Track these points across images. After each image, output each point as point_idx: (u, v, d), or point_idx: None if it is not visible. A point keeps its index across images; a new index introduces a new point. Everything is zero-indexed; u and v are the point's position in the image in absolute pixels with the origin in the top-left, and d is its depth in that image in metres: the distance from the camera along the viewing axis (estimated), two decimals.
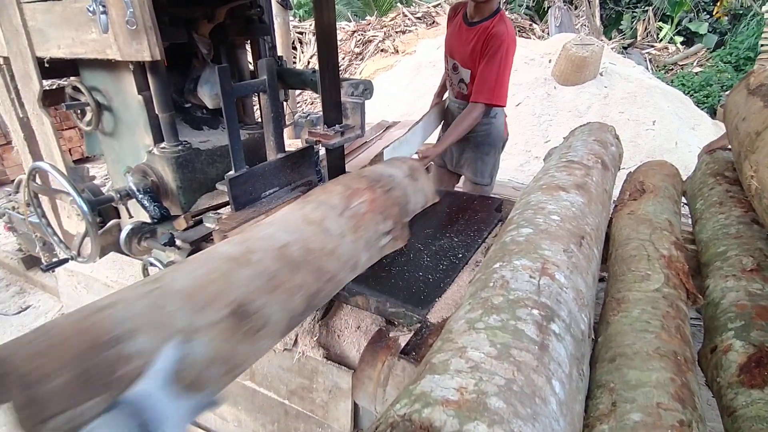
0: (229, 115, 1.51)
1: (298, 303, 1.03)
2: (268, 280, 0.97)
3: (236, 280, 0.93)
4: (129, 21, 1.42)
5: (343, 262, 1.18)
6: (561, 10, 8.72)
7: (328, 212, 1.23)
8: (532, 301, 0.86)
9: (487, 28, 2.14)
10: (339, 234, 1.19)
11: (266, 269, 0.99)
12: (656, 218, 1.44)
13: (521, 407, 0.63)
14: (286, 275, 1.01)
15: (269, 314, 0.94)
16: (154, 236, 1.72)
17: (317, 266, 1.09)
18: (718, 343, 1.08)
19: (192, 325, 0.82)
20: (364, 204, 1.32)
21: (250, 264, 0.98)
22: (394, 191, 1.45)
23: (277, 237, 1.09)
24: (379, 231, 1.34)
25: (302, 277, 1.05)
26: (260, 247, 1.04)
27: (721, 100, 7.25)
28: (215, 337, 0.84)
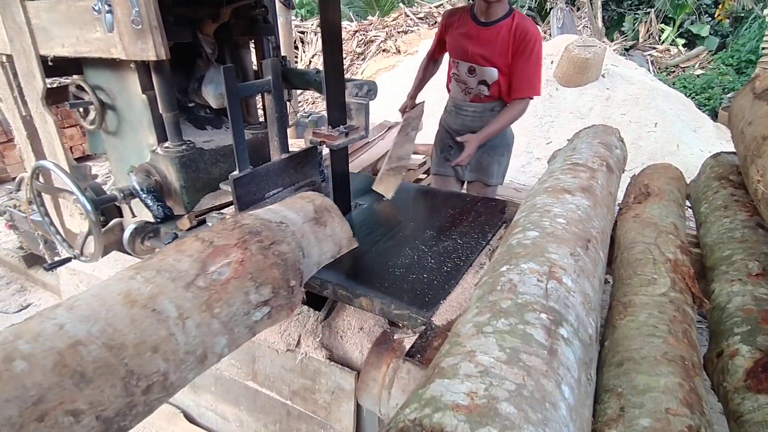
0: (234, 115, 1.51)
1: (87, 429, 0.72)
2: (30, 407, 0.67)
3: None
4: (134, 20, 1.42)
5: (180, 357, 0.86)
6: (563, 12, 8.72)
7: (167, 285, 0.91)
8: (540, 305, 0.85)
9: (511, 25, 2.19)
10: (177, 316, 0.88)
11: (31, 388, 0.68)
12: (661, 222, 1.43)
13: (532, 412, 0.62)
14: (66, 393, 0.71)
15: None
16: (157, 236, 1.71)
17: (128, 371, 0.78)
18: (725, 348, 1.08)
19: None
20: (229, 267, 0.99)
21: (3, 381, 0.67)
22: (278, 246, 1.11)
23: (67, 331, 0.76)
24: (251, 302, 1.01)
25: (96, 392, 0.74)
26: (31, 351, 0.72)
27: (722, 103, 7.25)
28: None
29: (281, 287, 1.07)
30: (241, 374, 1.83)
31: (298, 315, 1.65)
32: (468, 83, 2.44)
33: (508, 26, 2.19)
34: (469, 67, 2.37)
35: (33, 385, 0.68)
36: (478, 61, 2.32)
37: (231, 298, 0.96)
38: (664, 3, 9.78)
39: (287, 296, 1.09)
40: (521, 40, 2.17)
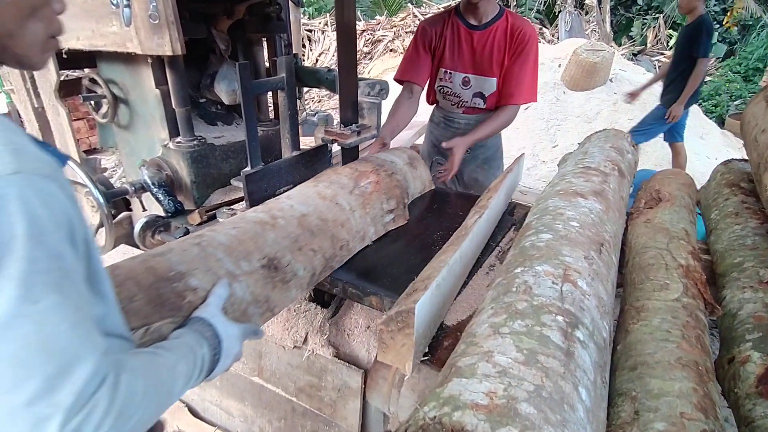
0: (247, 111, 1.52)
1: (317, 263, 1.25)
2: (293, 242, 1.20)
3: (266, 240, 1.14)
4: (152, 15, 1.43)
5: (353, 233, 1.41)
6: (571, 15, 8.71)
7: (339, 190, 1.44)
8: (555, 307, 0.86)
9: (506, 25, 2.01)
10: (349, 209, 1.42)
11: (290, 233, 1.21)
12: (673, 227, 1.43)
13: (551, 414, 0.63)
14: (307, 239, 1.24)
15: (295, 269, 1.17)
16: (167, 230, 1.72)
17: (332, 234, 1.32)
18: (736, 354, 1.08)
19: (234, 272, 1.03)
20: (371, 184, 1.55)
21: (277, 228, 1.20)
22: (396, 175, 1.66)
23: (296, 208, 1.30)
24: (384, 209, 1.58)
25: (320, 242, 1.27)
26: (283, 215, 1.26)
27: (729, 110, 7.24)
28: (252, 283, 1.06)
29: (400, 202, 1.66)
30: (246, 370, 1.84)
31: (306, 312, 1.66)
32: (461, 96, 2.17)
33: (503, 28, 2.00)
34: (463, 78, 2.12)
35: (290, 232, 1.21)
36: (474, 71, 2.10)
37: (374, 203, 1.53)
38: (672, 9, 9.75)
39: (402, 209, 1.68)
40: (518, 41, 1.98)
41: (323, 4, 10.28)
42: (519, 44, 1.99)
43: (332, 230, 1.32)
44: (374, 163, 1.64)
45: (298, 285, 1.19)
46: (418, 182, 1.85)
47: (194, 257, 0.99)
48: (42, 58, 0.67)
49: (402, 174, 1.71)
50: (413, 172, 1.83)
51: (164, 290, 0.89)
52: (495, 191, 1.67)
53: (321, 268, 1.27)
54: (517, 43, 1.99)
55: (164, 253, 0.98)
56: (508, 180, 1.79)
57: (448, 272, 1.19)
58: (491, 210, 1.59)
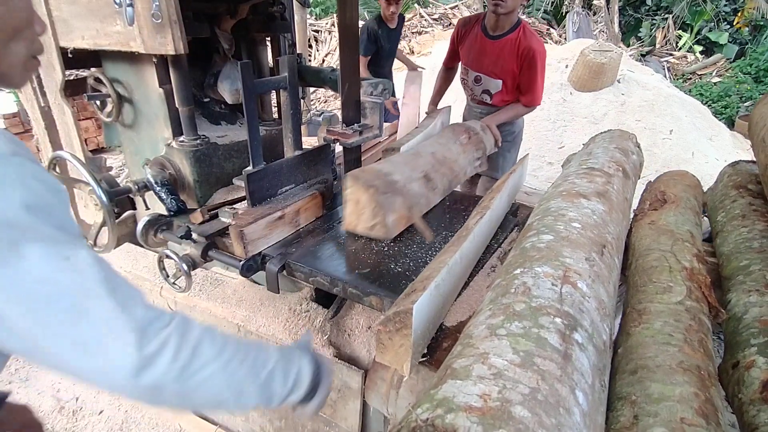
0: (249, 111, 1.51)
1: (446, 182, 1.89)
2: (432, 166, 1.81)
3: (420, 163, 1.78)
4: (154, 14, 1.43)
5: (460, 168, 2.05)
6: (579, 16, 8.65)
7: (446, 142, 2.08)
8: (554, 309, 0.84)
9: (515, 41, 2.32)
10: (456, 152, 2.05)
11: (429, 161, 1.82)
12: (678, 229, 1.41)
13: (546, 417, 0.62)
14: (439, 166, 1.85)
15: (437, 183, 1.80)
16: (170, 229, 1.72)
17: (450, 166, 1.93)
18: (740, 359, 1.06)
19: (411, 176, 1.65)
20: (465, 139, 2.17)
21: (422, 156, 1.84)
22: (478, 135, 2.27)
23: (428, 148, 1.94)
24: (474, 157, 2.20)
25: (445, 169, 1.89)
26: (423, 151, 1.90)
27: (739, 112, 7.15)
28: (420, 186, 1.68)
29: (482, 156, 2.29)
30: None
31: (307, 312, 1.65)
32: (473, 90, 2.62)
33: (513, 41, 2.33)
34: (476, 76, 2.53)
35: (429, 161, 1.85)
36: (485, 72, 2.47)
37: (468, 152, 2.15)
38: (682, 9, 9.67)
39: (483, 162, 2.31)
40: (526, 57, 2.33)
41: (330, 4, 10.29)
42: (525, 60, 2.35)
43: (450, 164, 1.94)
44: (464, 126, 2.27)
45: (440, 192, 1.84)
46: (489, 143, 2.38)
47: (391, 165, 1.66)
48: (23, 77, 0.69)
49: (481, 135, 2.29)
50: (486, 136, 2.35)
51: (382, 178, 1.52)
52: (497, 192, 1.66)
53: (447, 186, 1.90)
54: (523, 59, 2.36)
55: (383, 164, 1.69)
56: (511, 180, 1.78)
57: (448, 273, 1.18)
58: (493, 210, 1.58)
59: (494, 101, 2.56)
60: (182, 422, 2.18)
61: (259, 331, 1.68)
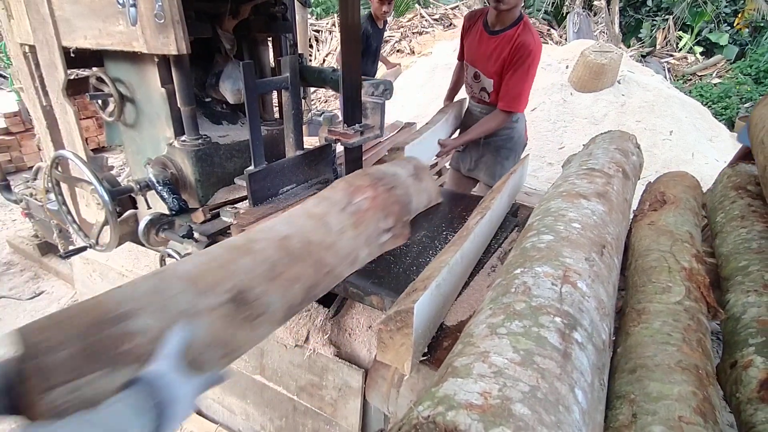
0: (251, 111, 1.52)
1: (296, 293, 1.06)
2: (269, 269, 1.01)
3: (238, 268, 0.96)
4: (157, 14, 1.44)
5: (342, 257, 1.22)
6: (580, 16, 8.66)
7: (330, 208, 1.27)
8: (554, 308, 0.85)
9: (512, 37, 2.16)
10: (339, 229, 1.24)
11: (267, 258, 1.03)
12: (677, 230, 1.42)
13: (545, 415, 0.62)
14: (286, 265, 1.05)
15: (268, 302, 0.97)
16: (172, 228, 1.73)
17: (316, 259, 1.13)
18: (738, 359, 1.07)
19: (193, 308, 0.85)
20: (366, 201, 1.36)
21: (252, 252, 1.02)
22: (396, 190, 1.49)
23: (278, 229, 1.13)
24: (380, 228, 1.40)
25: (301, 268, 1.08)
26: (262, 237, 1.08)
27: (739, 113, 7.16)
28: (215, 321, 0.87)
29: (399, 220, 1.48)
30: (248, 368, 1.85)
31: (308, 311, 1.66)
32: (473, 87, 2.49)
33: (510, 37, 2.16)
34: (474, 72, 2.40)
35: (268, 257, 1.03)
36: (481, 68, 2.35)
37: (368, 222, 1.34)
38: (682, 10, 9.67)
39: (402, 228, 1.50)
40: (516, 51, 2.13)
41: (331, 4, 10.30)
42: (516, 55, 2.14)
43: (317, 254, 1.14)
44: (373, 176, 1.48)
45: (269, 321, 1.00)
46: (423, 196, 1.73)
47: (145, 292, 0.82)
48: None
49: (404, 188, 1.56)
50: (418, 185, 1.68)
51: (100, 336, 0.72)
52: (498, 192, 1.67)
53: (300, 298, 1.07)
54: (516, 55, 2.14)
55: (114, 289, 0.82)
56: (511, 181, 1.79)
57: (449, 273, 1.19)
58: (494, 211, 1.59)
59: (491, 100, 2.39)
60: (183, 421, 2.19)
61: None
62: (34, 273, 3.52)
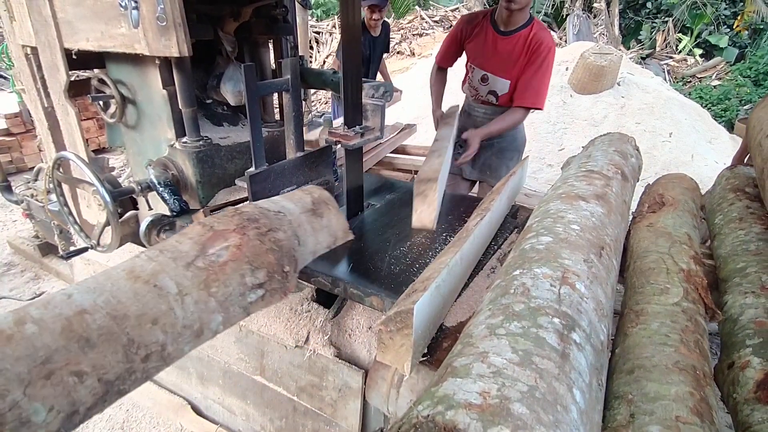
0: (252, 112, 1.53)
1: (84, 393, 0.77)
2: (38, 365, 0.73)
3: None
4: (159, 17, 1.45)
5: (177, 331, 0.92)
6: (579, 18, 8.68)
7: (169, 263, 0.98)
8: (552, 309, 0.86)
9: (527, 36, 2.19)
10: (177, 292, 0.94)
11: (40, 348, 0.75)
12: (675, 232, 1.43)
13: (544, 414, 0.63)
14: (71, 355, 0.77)
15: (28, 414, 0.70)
16: (172, 229, 1.74)
17: (129, 339, 0.84)
18: (736, 360, 1.08)
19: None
20: (227, 251, 1.05)
21: (14, 342, 0.73)
22: (275, 233, 1.16)
23: (74, 301, 0.83)
24: (247, 284, 1.07)
25: (99, 356, 0.80)
26: (41, 316, 0.78)
27: (739, 115, 7.18)
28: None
29: (276, 272, 1.13)
30: (249, 368, 1.86)
31: (308, 312, 1.67)
32: (479, 90, 2.45)
33: (526, 36, 2.19)
34: (482, 75, 2.38)
35: (42, 347, 0.74)
36: (493, 70, 2.32)
37: (228, 279, 1.02)
38: (682, 12, 9.70)
39: (281, 281, 1.15)
40: (535, 50, 2.17)
41: (331, 6, 10.32)
42: (534, 53, 2.18)
43: (132, 332, 0.85)
44: (244, 217, 1.16)
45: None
46: (323, 234, 1.37)
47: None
48: None
49: (289, 229, 1.23)
50: (315, 222, 1.35)
51: None
52: (497, 193, 1.68)
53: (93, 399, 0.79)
54: (533, 51, 2.18)
55: None
56: (511, 182, 1.80)
57: (449, 274, 1.20)
58: (493, 212, 1.60)
59: (501, 102, 2.41)
60: (183, 421, 2.20)
61: (261, 331, 1.70)
62: (34, 274, 3.53)
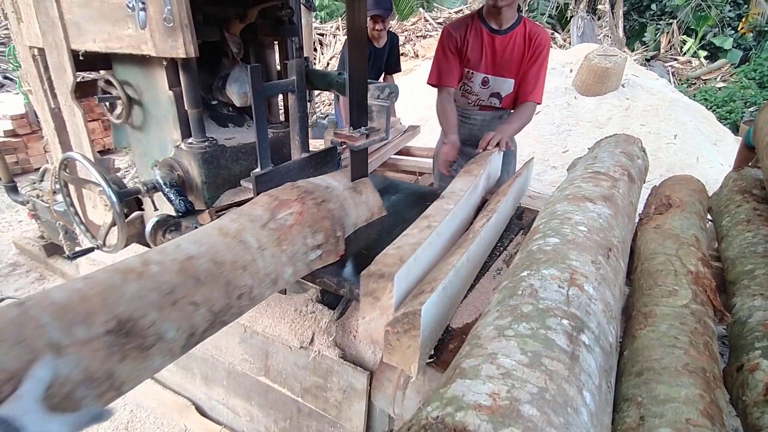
0: (258, 113, 1.53)
1: (199, 320, 0.97)
2: (165, 295, 0.91)
3: (124, 294, 0.87)
4: (166, 18, 1.45)
5: (260, 277, 1.12)
6: (584, 20, 8.67)
7: (248, 224, 1.17)
8: (561, 311, 0.86)
9: (524, 31, 2.19)
10: (258, 247, 1.13)
11: (164, 283, 0.93)
12: (683, 233, 1.42)
13: (554, 416, 0.63)
14: (187, 289, 0.95)
15: (163, 331, 0.89)
16: (178, 229, 1.74)
17: (227, 280, 1.04)
18: (745, 362, 1.07)
19: (60, 342, 0.76)
20: (292, 216, 1.27)
21: (145, 277, 0.92)
22: (328, 204, 1.39)
23: (183, 249, 1.02)
24: (308, 245, 1.29)
25: (207, 292, 0.99)
26: (160, 259, 0.97)
27: (744, 117, 7.14)
28: (89, 355, 0.79)
29: (330, 235, 1.37)
30: (253, 369, 1.85)
31: (312, 313, 1.67)
32: (479, 95, 2.36)
33: (522, 33, 2.19)
34: (483, 78, 2.31)
35: (165, 282, 0.93)
36: (495, 71, 2.27)
37: (294, 239, 1.24)
38: (686, 14, 9.67)
39: (334, 244, 1.40)
40: (536, 45, 2.17)
41: (335, 8, 10.35)
42: (536, 48, 2.18)
43: (229, 275, 1.05)
44: (301, 189, 1.40)
45: (165, 351, 0.91)
46: (363, 209, 1.62)
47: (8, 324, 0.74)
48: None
49: (338, 202, 1.47)
50: (356, 198, 1.60)
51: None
52: (503, 195, 1.67)
53: (205, 325, 0.99)
54: (534, 47, 2.18)
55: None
56: (516, 184, 1.79)
57: (455, 275, 1.19)
58: (499, 214, 1.59)
59: (504, 104, 2.35)
60: (187, 422, 2.20)
61: (265, 332, 1.69)
62: (39, 274, 3.54)
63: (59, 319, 0.78)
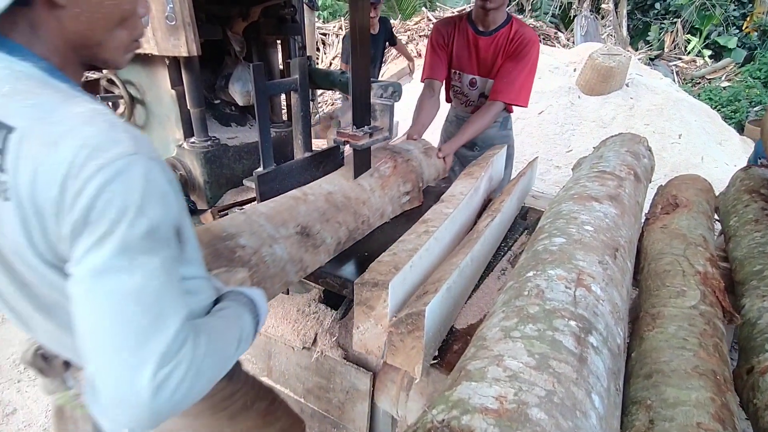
0: (261, 112, 1.52)
1: (342, 234, 1.45)
2: (321, 214, 1.39)
3: (299, 212, 1.35)
4: (168, 16, 1.45)
5: (373, 210, 1.60)
6: (587, 20, 8.64)
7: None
8: (568, 312, 0.84)
9: (509, 32, 2.13)
10: (370, 189, 1.62)
11: (319, 207, 1.41)
12: (690, 233, 1.40)
13: (563, 420, 0.61)
14: (333, 213, 1.43)
15: (324, 237, 1.37)
16: None
17: (354, 210, 1.51)
18: (755, 364, 1.05)
19: (274, 235, 1.23)
20: (389, 168, 1.73)
21: (307, 202, 1.40)
22: (411, 161, 1.85)
23: (324, 186, 1.52)
24: (401, 191, 1.76)
25: (344, 216, 1.46)
26: (312, 192, 1.46)
27: (749, 116, 7.10)
28: (290, 246, 1.25)
29: (415, 186, 1.83)
30: (256, 370, 1.84)
31: (315, 313, 1.66)
32: (469, 96, 2.36)
33: (506, 34, 2.13)
34: (470, 79, 2.30)
35: (318, 207, 1.42)
36: (480, 72, 2.26)
37: (391, 186, 1.72)
38: (690, 13, 9.62)
39: (417, 193, 1.85)
40: (517, 44, 2.09)
41: (338, 8, 10.34)
42: (516, 46, 2.10)
43: (355, 207, 1.51)
44: (392, 150, 1.81)
45: (326, 250, 1.39)
46: (433, 169, 1.99)
47: (241, 223, 1.21)
48: (124, 59, 0.74)
49: (417, 161, 1.88)
50: (428, 160, 1.96)
51: (219, 246, 1.10)
52: (507, 195, 1.66)
53: (345, 238, 1.46)
54: (514, 45, 2.11)
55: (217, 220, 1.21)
56: (520, 184, 1.78)
57: (459, 275, 1.18)
58: (503, 214, 1.58)
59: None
60: None
61: (268, 332, 1.68)
62: None
63: (269, 222, 1.25)
